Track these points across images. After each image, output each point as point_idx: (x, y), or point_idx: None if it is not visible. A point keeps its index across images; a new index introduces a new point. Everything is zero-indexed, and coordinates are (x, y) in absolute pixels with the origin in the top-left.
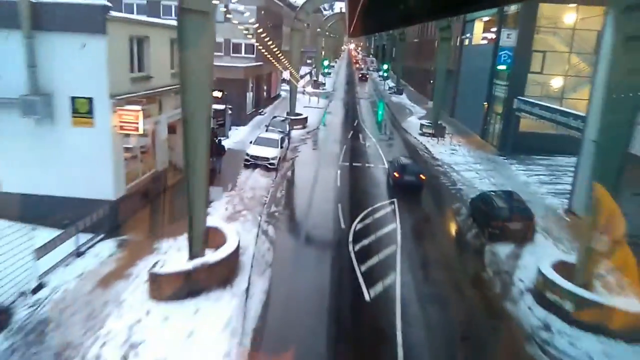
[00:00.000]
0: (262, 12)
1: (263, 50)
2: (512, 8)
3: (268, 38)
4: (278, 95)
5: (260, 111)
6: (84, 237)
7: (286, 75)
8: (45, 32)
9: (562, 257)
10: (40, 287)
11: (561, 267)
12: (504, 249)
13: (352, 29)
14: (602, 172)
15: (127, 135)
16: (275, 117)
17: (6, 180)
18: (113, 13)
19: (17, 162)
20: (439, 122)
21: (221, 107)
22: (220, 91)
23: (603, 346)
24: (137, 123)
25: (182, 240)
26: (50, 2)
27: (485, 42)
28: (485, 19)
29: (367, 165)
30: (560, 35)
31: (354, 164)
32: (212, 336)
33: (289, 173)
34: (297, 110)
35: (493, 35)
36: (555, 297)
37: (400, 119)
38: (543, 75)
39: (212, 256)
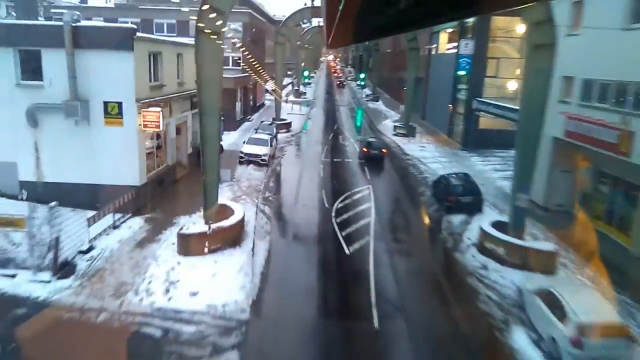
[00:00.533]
0: (247, 27)
1: (251, 62)
2: (470, 20)
3: (252, 52)
4: (263, 104)
5: (247, 118)
6: (117, 215)
7: (269, 85)
8: (83, 49)
9: (499, 218)
10: (91, 248)
11: (498, 225)
12: (457, 218)
13: (330, 41)
14: (524, 154)
15: (148, 133)
16: (263, 121)
17: (50, 171)
18: (138, 34)
19: (59, 156)
20: (409, 124)
21: None
22: None
23: (524, 277)
24: (158, 121)
25: (196, 217)
26: (87, 25)
27: (449, 51)
28: (449, 30)
29: (346, 160)
30: (512, 43)
31: (334, 160)
32: (230, 276)
33: (278, 168)
34: (282, 117)
35: (456, 44)
36: (492, 246)
37: (376, 122)
38: (498, 78)
39: (224, 222)
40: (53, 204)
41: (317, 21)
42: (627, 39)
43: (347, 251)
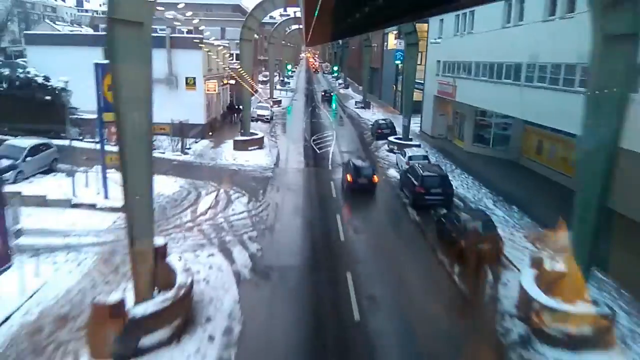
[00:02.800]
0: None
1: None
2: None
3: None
4: (257, 90)
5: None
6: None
7: (261, 76)
8: (175, 48)
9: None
10: (189, 148)
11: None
12: (380, 141)
13: (308, 39)
14: (407, 104)
15: (208, 95)
16: (260, 101)
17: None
18: (204, 40)
19: (161, 108)
20: (366, 100)
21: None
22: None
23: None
24: (215, 88)
25: (230, 142)
26: (178, 36)
27: (394, 47)
28: (395, 32)
29: (320, 121)
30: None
31: (313, 120)
32: (261, 157)
33: (276, 124)
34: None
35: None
36: (376, 144)
37: (344, 101)
38: (421, 65)
39: (254, 136)
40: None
41: (293, 12)
42: (467, 39)
43: (318, 152)
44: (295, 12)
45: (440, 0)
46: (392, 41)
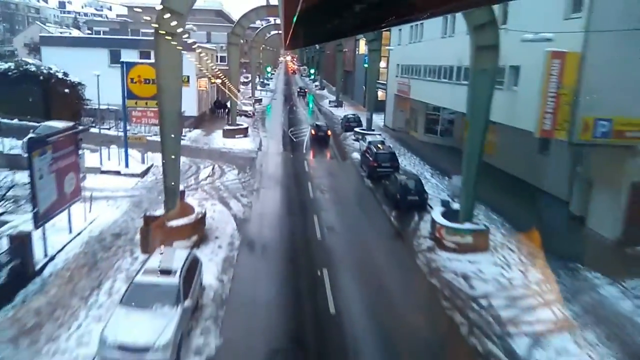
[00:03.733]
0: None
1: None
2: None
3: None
4: (239, 90)
5: None
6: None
7: (243, 77)
8: None
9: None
10: (184, 136)
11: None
12: (349, 132)
13: (287, 43)
14: (370, 99)
15: (200, 91)
16: (242, 99)
17: None
18: (197, 44)
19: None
20: (339, 99)
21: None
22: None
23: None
24: (206, 86)
25: (219, 131)
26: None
27: (364, 52)
28: (365, 38)
29: (297, 117)
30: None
31: (290, 116)
32: (247, 143)
33: (258, 119)
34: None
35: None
36: (351, 135)
37: (319, 101)
38: (383, 68)
39: (240, 126)
40: None
41: (273, 19)
42: (418, 45)
43: (294, 140)
44: (275, 19)
45: (389, 15)
46: (363, 47)
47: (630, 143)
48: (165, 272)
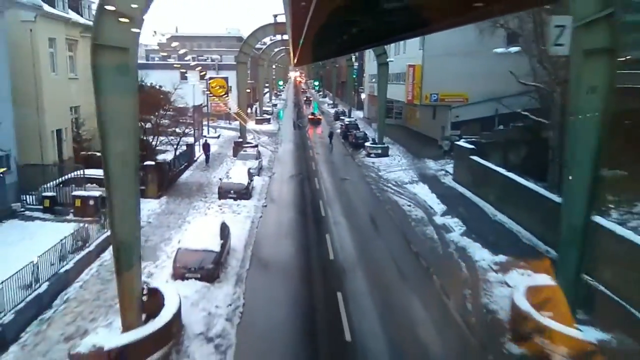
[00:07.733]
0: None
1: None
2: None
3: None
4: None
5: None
6: None
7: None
8: (224, 70)
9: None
10: (231, 123)
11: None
12: (339, 121)
13: (295, 60)
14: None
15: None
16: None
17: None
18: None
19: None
20: (335, 102)
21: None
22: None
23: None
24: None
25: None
26: (223, 63)
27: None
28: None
29: (303, 113)
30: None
31: (298, 117)
32: (270, 127)
33: (274, 116)
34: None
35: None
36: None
37: (322, 106)
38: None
39: (265, 116)
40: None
41: (279, 37)
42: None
43: (300, 126)
44: (282, 35)
45: (386, 35)
46: (353, 62)
47: (447, 104)
48: None
